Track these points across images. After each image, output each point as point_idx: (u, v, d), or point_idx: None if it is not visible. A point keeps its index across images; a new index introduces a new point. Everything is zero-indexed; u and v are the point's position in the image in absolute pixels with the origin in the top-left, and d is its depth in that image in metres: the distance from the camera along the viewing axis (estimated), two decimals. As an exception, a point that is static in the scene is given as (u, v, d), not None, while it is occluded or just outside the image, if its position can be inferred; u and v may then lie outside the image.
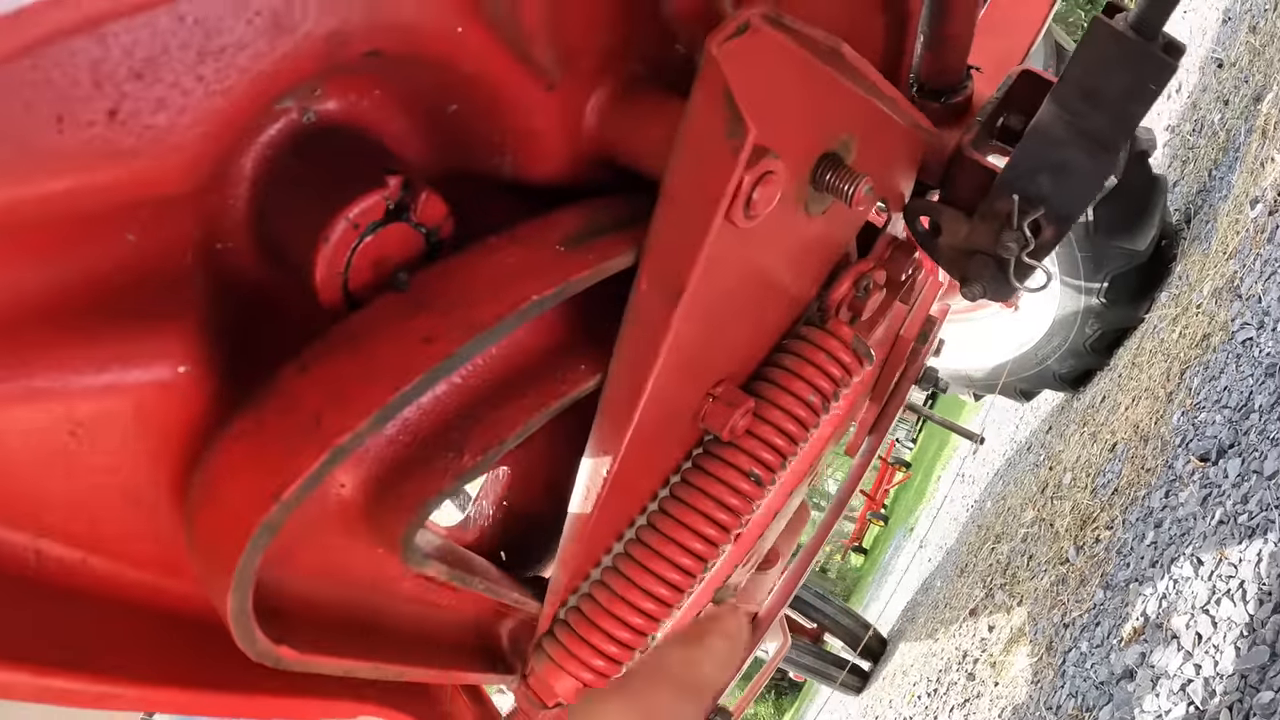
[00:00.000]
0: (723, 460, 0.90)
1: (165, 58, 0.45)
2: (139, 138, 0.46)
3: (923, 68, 1.10)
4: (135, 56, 0.44)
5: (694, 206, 0.57)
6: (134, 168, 0.47)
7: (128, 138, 0.46)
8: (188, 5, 0.44)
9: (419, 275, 0.63)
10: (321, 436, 0.56)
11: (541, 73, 0.60)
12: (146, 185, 0.49)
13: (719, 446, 0.90)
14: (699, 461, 0.92)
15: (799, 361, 0.91)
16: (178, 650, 0.66)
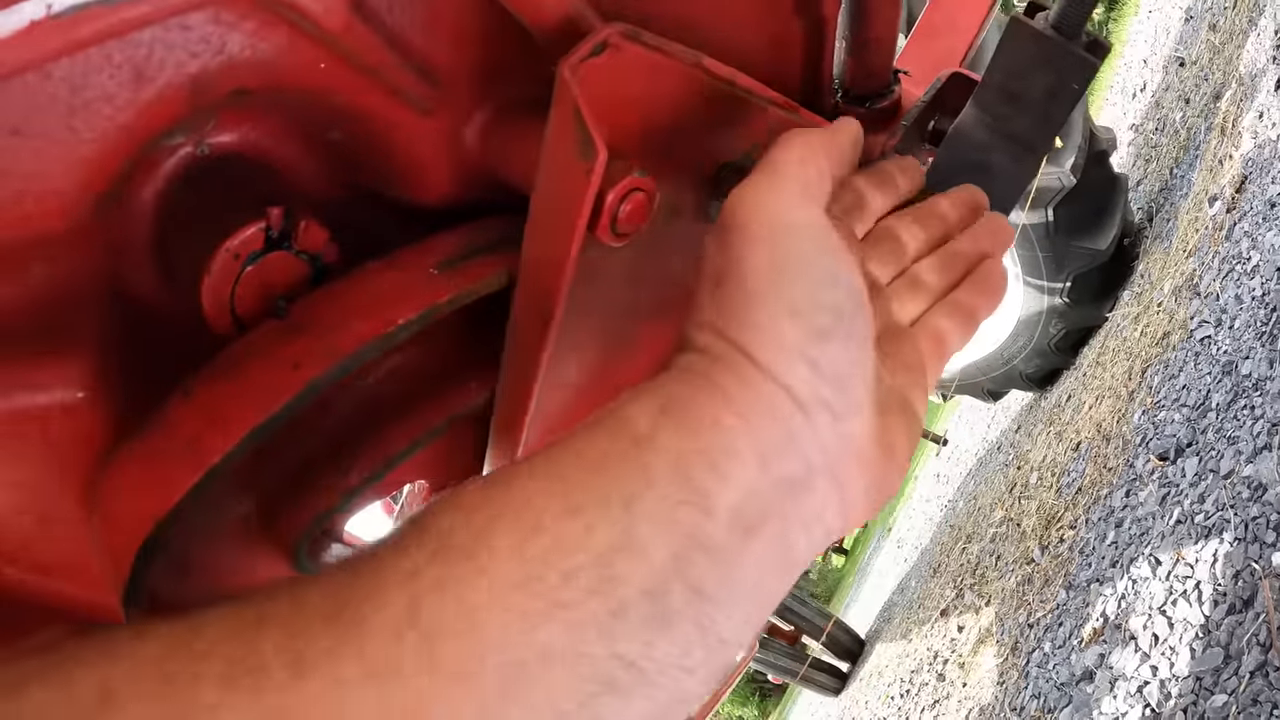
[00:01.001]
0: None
1: (38, 114, 0.48)
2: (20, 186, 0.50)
3: (846, 73, 1.09)
4: (11, 116, 0.47)
5: (555, 229, 0.57)
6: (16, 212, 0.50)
7: (9, 187, 0.49)
8: (54, 65, 0.47)
9: (302, 301, 0.64)
10: (197, 458, 0.58)
11: (413, 101, 0.61)
12: (31, 227, 0.52)
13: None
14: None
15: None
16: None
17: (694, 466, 0.45)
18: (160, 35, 0.50)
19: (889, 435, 0.55)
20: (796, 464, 0.48)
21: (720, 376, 0.48)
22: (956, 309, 0.66)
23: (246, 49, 0.54)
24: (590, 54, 0.53)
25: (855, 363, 0.51)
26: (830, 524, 0.51)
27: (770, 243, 0.51)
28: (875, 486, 0.54)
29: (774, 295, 0.50)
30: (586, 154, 0.51)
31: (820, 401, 0.49)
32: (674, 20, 0.67)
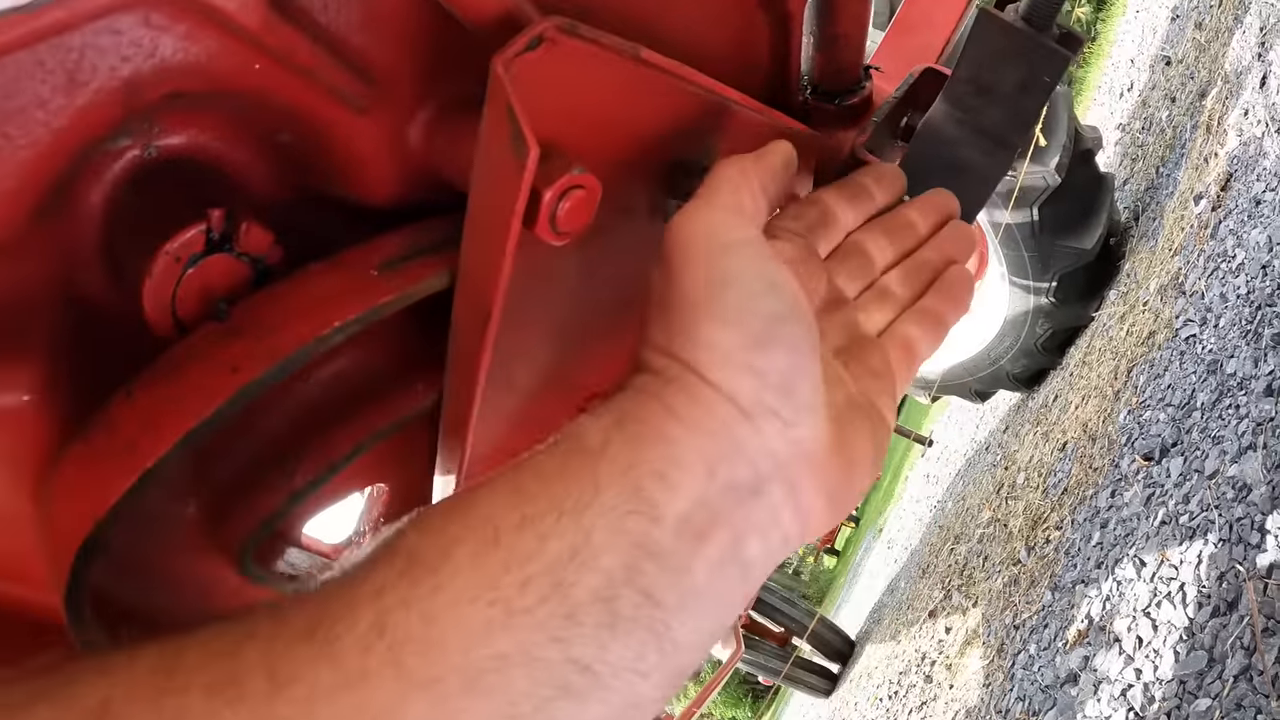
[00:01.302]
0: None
1: None
2: (-43, 195, 0.50)
3: (815, 69, 1.07)
4: (-55, 126, 0.47)
5: (490, 227, 0.57)
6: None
7: (-54, 196, 0.49)
8: None
9: (244, 303, 0.64)
10: (133, 461, 0.57)
11: (350, 100, 0.61)
12: (-34, 235, 0.52)
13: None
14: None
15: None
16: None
17: (643, 477, 0.47)
18: (91, 40, 0.50)
19: (850, 443, 0.56)
20: (745, 471, 0.50)
21: (668, 392, 0.51)
22: (924, 316, 0.69)
23: (179, 52, 0.53)
24: (525, 49, 0.52)
25: (800, 368, 0.53)
26: (787, 530, 0.53)
27: (706, 261, 0.54)
28: (834, 493, 0.55)
29: (712, 309, 0.53)
30: (519, 151, 0.50)
31: (765, 408, 0.51)
32: (620, 14, 0.66)
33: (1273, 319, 2.55)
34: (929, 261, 0.72)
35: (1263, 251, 2.80)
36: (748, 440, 0.51)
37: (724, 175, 0.59)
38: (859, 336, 0.66)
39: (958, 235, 0.75)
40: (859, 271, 0.70)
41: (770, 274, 0.54)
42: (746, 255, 0.55)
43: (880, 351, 0.66)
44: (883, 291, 0.70)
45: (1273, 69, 3.35)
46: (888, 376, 0.64)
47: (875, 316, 0.69)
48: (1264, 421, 2.33)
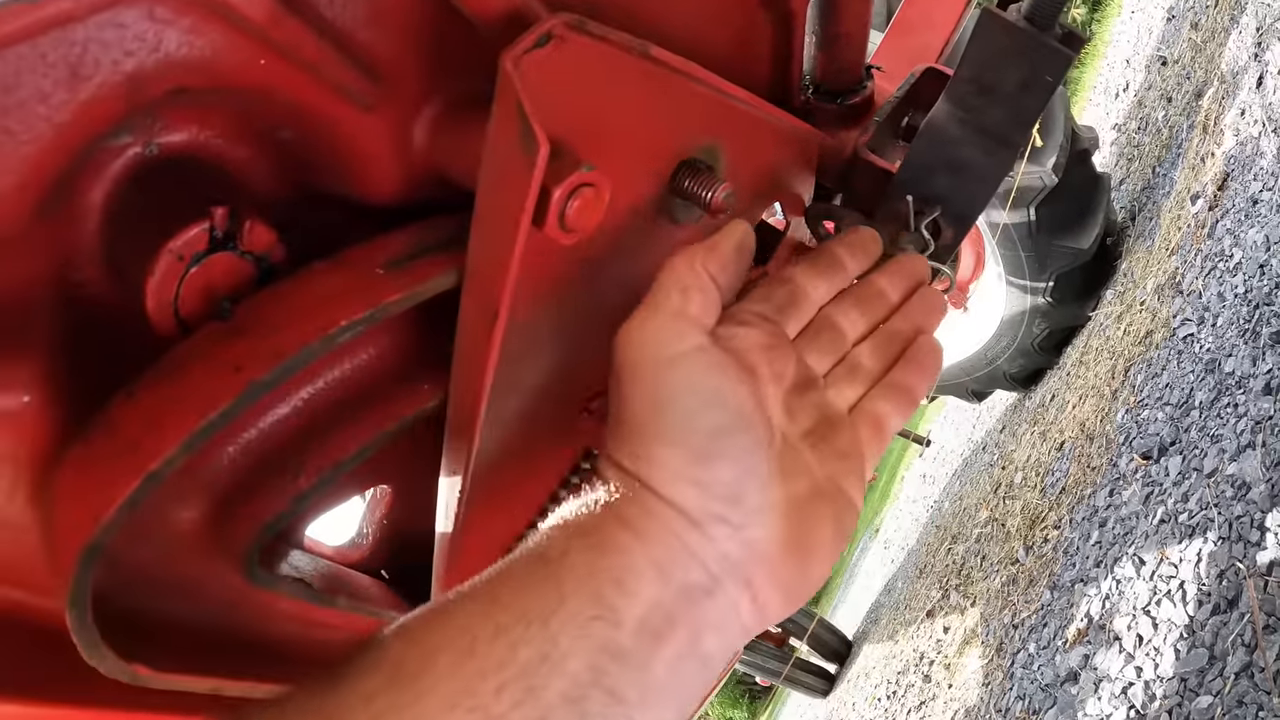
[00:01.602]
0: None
1: None
2: (-45, 191, 0.49)
3: (817, 68, 1.07)
4: (-55, 119, 0.47)
5: (499, 226, 0.56)
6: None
7: (-57, 192, 0.49)
8: None
9: (247, 302, 0.64)
10: (137, 463, 0.57)
11: (355, 97, 0.61)
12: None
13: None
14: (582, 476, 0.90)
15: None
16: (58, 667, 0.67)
17: (602, 584, 0.52)
18: (94, 33, 0.49)
19: (808, 533, 0.60)
20: (698, 574, 0.55)
21: (621, 505, 0.55)
22: (894, 391, 0.71)
23: (183, 46, 0.53)
24: (534, 45, 0.52)
25: (746, 476, 0.57)
26: (745, 622, 0.58)
27: (650, 377, 0.57)
28: (789, 585, 0.59)
29: (656, 427, 0.57)
30: (529, 148, 0.50)
31: (712, 516, 0.56)
32: (627, 11, 0.66)
33: (1270, 318, 2.55)
34: (899, 332, 0.74)
35: (1260, 251, 2.80)
36: (699, 546, 0.55)
37: (671, 274, 0.61)
38: (829, 416, 0.67)
39: (927, 303, 0.77)
40: (830, 347, 0.71)
41: (713, 386, 0.57)
42: (689, 369, 0.58)
43: (850, 431, 0.67)
44: (853, 367, 0.71)
45: (1269, 69, 3.36)
46: (856, 457, 0.66)
47: (846, 393, 0.70)
48: (1262, 420, 2.33)
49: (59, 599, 0.63)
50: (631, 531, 0.54)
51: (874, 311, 0.74)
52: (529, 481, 0.87)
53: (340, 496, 0.82)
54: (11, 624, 0.68)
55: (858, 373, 0.71)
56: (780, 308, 0.69)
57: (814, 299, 0.72)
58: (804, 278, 0.72)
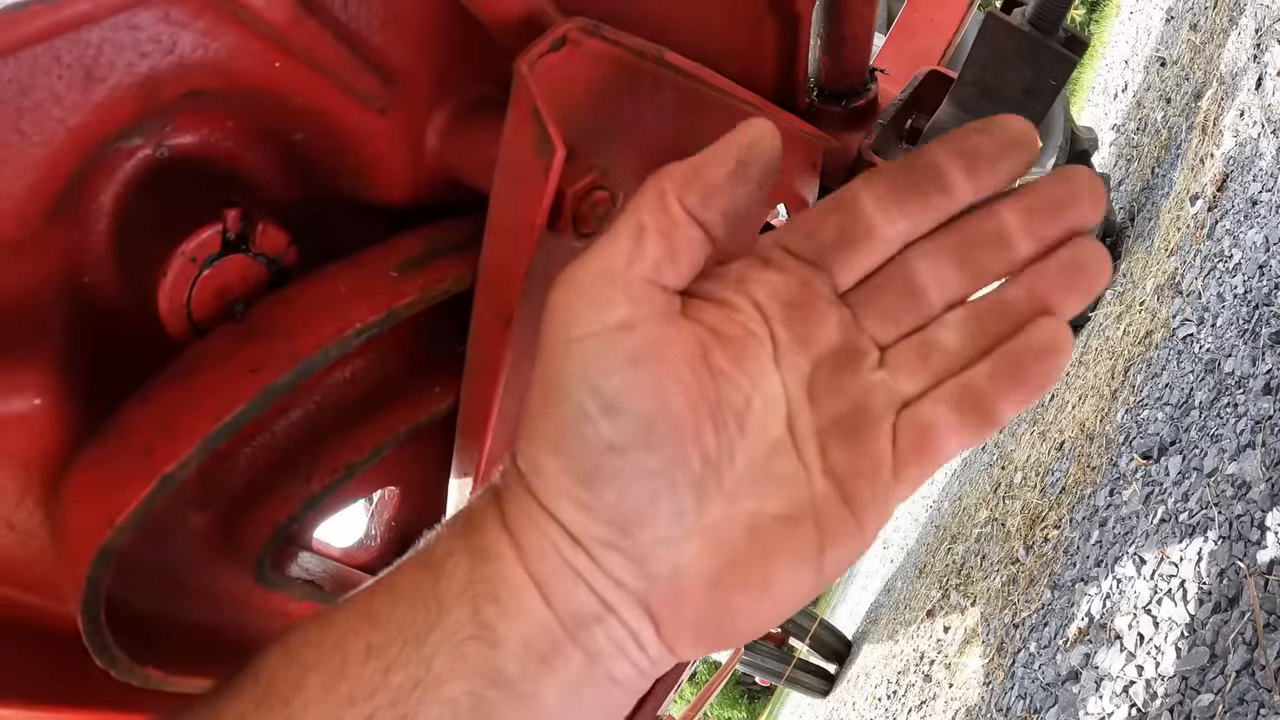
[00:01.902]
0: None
1: None
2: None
3: (822, 71, 1.08)
4: (-40, 119, 0.47)
5: (513, 228, 0.56)
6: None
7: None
8: (1, 65, 0.47)
9: (261, 304, 0.64)
10: (151, 465, 0.57)
11: (369, 99, 0.61)
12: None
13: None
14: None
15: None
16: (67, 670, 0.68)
17: (479, 598, 0.44)
18: (109, 35, 0.49)
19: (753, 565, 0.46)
20: (585, 598, 0.45)
21: (506, 501, 0.46)
22: (965, 398, 0.48)
23: (198, 49, 0.53)
24: (549, 50, 0.52)
25: (650, 502, 0.44)
26: (652, 653, 0.47)
27: (549, 362, 0.44)
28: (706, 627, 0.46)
29: (541, 427, 0.45)
30: (544, 151, 0.50)
31: (600, 542, 0.44)
32: (638, 16, 0.66)
33: (1270, 318, 2.55)
34: (1010, 307, 0.48)
35: (1259, 251, 2.80)
36: (585, 570, 0.45)
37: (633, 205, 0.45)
38: (866, 410, 0.48)
39: (1075, 264, 0.47)
40: (902, 310, 0.49)
41: (615, 388, 0.43)
42: (592, 358, 0.43)
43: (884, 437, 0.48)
44: (926, 345, 0.49)
45: (1268, 70, 3.36)
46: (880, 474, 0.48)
47: (904, 380, 0.49)
48: (1262, 420, 2.34)
49: (68, 602, 0.63)
50: (511, 539, 0.45)
51: (982, 264, 0.48)
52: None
53: (351, 498, 0.82)
54: (20, 627, 0.68)
55: (930, 355, 0.49)
56: (828, 245, 0.49)
57: (885, 236, 0.48)
58: (874, 201, 0.48)
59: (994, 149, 0.47)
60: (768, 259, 0.50)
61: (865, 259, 0.49)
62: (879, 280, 0.49)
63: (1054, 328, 0.47)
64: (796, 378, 0.49)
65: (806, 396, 0.49)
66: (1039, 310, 0.47)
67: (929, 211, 0.48)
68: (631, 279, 0.44)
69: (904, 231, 0.48)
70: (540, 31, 0.53)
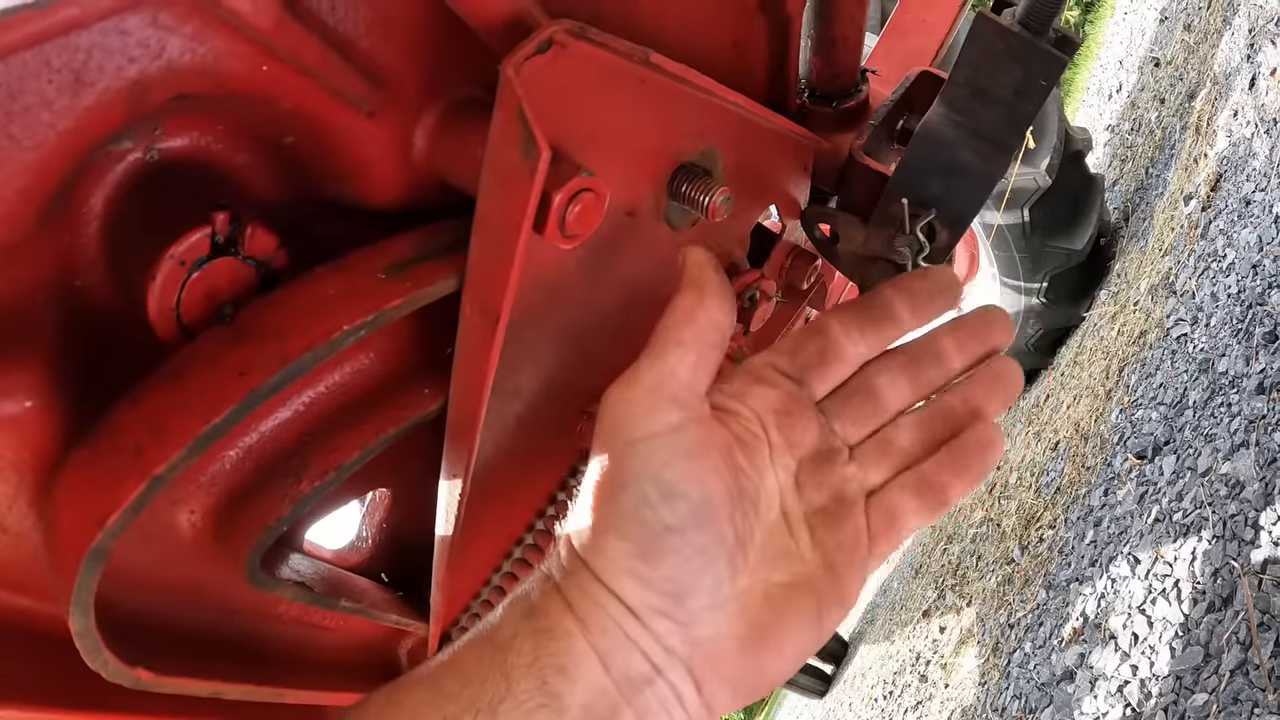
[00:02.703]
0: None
1: None
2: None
3: (813, 72, 1.08)
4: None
5: (500, 231, 0.57)
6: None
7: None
8: None
9: (250, 307, 0.64)
10: (141, 467, 0.57)
11: (357, 103, 0.61)
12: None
13: (600, 466, 0.88)
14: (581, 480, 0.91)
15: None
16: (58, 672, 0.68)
17: (546, 670, 0.51)
18: (98, 40, 0.49)
19: (773, 626, 0.56)
20: (639, 663, 0.53)
21: (566, 585, 0.54)
22: (921, 486, 0.61)
23: (186, 53, 0.53)
24: (535, 52, 0.52)
25: (698, 574, 0.53)
26: (692, 711, 0.55)
27: (613, 459, 0.54)
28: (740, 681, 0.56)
29: (605, 514, 0.53)
30: (529, 154, 0.51)
31: (653, 610, 0.53)
32: (628, 18, 0.66)
33: (1264, 317, 2.56)
34: (950, 411, 0.63)
35: (1253, 251, 2.81)
36: (639, 636, 0.53)
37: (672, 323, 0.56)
38: (843, 496, 0.61)
39: (996, 377, 0.64)
40: (865, 415, 0.63)
41: (672, 479, 0.53)
42: (655, 455, 0.53)
43: (858, 519, 0.61)
44: (886, 443, 0.63)
45: (1262, 70, 3.37)
46: (859, 549, 0.60)
47: (871, 473, 0.62)
48: (1256, 419, 2.34)
49: (59, 604, 0.63)
50: (575, 617, 0.52)
51: (927, 379, 0.64)
52: (527, 485, 0.88)
53: (341, 500, 0.82)
54: (12, 630, 0.68)
55: (889, 451, 0.62)
56: (807, 364, 0.63)
57: (850, 356, 0.63)
58: (841, 330, 0.63)
59: (932, 292, 0.64)
60: (760, 377, 0.62)
61: (836, 374, 0.64)
62: (846, 391, 0.64)
63: (988, 430, 0.62)
64: (786, 473, 0.61)
65: (795, 487, 0.61)
66: (973, 414, 0.62)
67: (883, 338, 0.63)
68: (675, 390, 0.54)
69: (864, 353, 0.64)
70: (527, 34, 0.53)
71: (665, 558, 0.52)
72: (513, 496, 0.87)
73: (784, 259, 1.11)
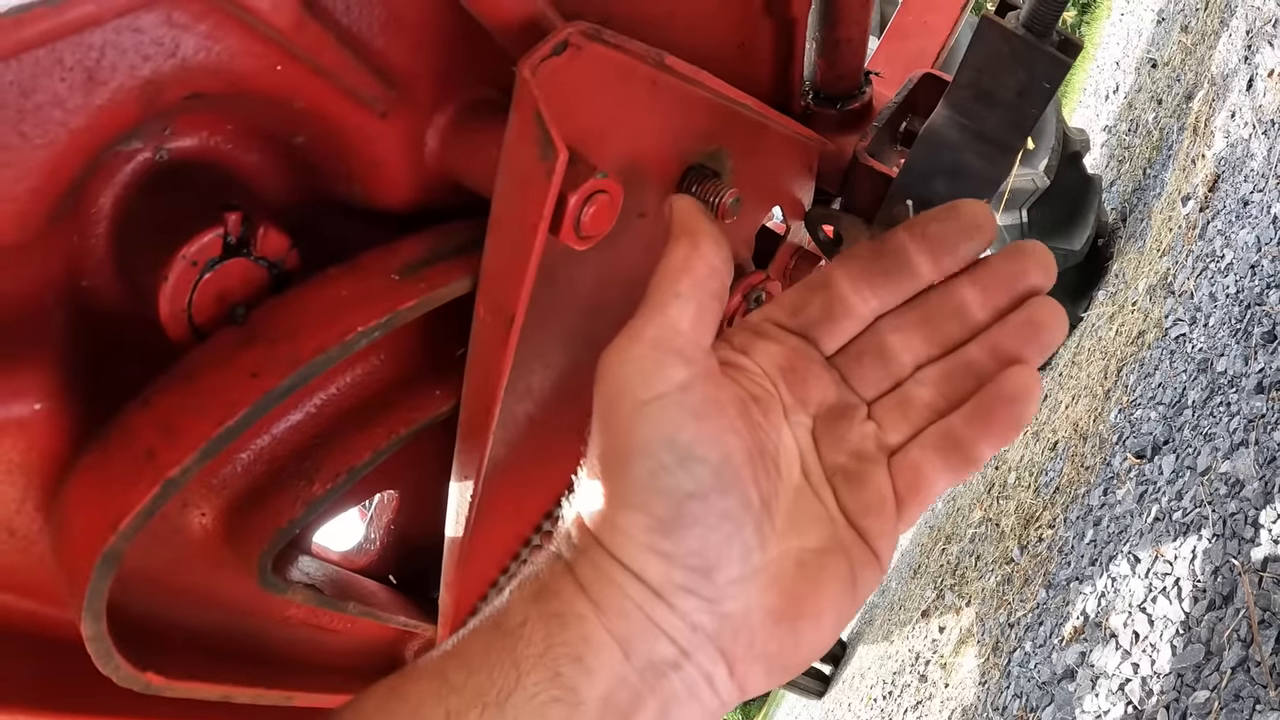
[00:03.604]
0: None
1: None
2: (-31, 196, 0.49)
3: (817, 74, 1.08)
4: (-39, 121, 0.46)
5: (516, 232, 0.56)
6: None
7: (-42, 197, 0.48)
8: (3, 67, 0.46)
9: (262, 308, 0.63)
10: (154, 470, 0.57)
11: (370, 103, 0.60)
12: (-21, 238, 0.51)
13: (610, 465, 0.88)
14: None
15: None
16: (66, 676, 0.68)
17: (560, 660, 0.46)
18: (111, 38, 0.49)
19: (808, 594, 0.51)
20: (664, 647, 0.48)
21: (580, 566, 0.49)
22: (947, 442, 0.55)
23: (200, 52, 0.53)
24: (551, 53, 0.52)
25: (725, 544, 0.49)
26: (723, 696, 0.50)
27: (622, 425, 0.48)
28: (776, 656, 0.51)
29: (619, 486, 0.48)
30: (547, 155, 0.50)
31: (679, 588, 0.48)
32: (638, 19, 0.66)
33: (1262, 317, 2.56)
34: (975, 363, 0.56)
35: (1251, 251, 2.81)
36: (663, 618, 0.48)
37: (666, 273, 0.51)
38: (863, 454, 0.56)
39: (1030, 323, 0.56)
40: (879, 373, 0.58)
41: (688, 441, 0.47)
42: (666, 416, 0.47)
43: (880, 477, 0.55)
44: (905, 399, 0.57)
45: (1259, 72, 3.38)
46: (887, 511, 0.55)
47: (890, 431, 0.57)
48: (1255, 418, 2.35)
49: (68, 608, 0.63)
50: (590, 600, 0.48)
51: (945, 333, 0.57)
52: (536, 485, 0.87)
53: (351, 502, 0.82)
54: (21, 633, 0.68)
55: (910, 406, 0.57)
56: (812, 320, 0.57)
57: (859, 313, 0.58)
58: (847, 284, 0.57)
59: (954, 235, 0.56)
60: (760, 331, 0.57)
61: (844, 331, 0.58)
62: (857, 348, 0.58)
63: (1024, 376, 0.54)
64: (803, 431, 0.56)
65: (813, 447, 0.56)
66: (1003, 363, 0.55)
67: (897, 292, 0.57)
68: (680, 345, 0.49)
69: (875, 308, 0.58)
70: (542, 35, 0.53)
71: (689, 529, 0.47)
72: (521, 497, 0.87)
73: (788, 260, 1.11)
